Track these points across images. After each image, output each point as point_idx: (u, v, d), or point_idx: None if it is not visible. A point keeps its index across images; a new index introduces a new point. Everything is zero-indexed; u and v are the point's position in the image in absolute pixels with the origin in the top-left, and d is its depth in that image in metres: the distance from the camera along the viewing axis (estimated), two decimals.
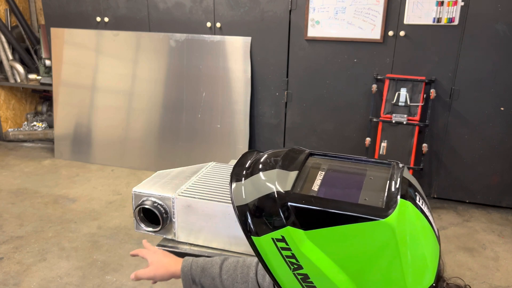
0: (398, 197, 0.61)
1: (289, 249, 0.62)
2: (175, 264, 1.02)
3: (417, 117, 2.91)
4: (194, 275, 0.98)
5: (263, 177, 0.69)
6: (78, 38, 3.64)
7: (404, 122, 2.92)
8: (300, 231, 0.61)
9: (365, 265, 0.61)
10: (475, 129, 2.96)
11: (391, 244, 0.59)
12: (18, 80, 4.13)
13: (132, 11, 3.47)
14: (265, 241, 0.63)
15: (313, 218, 0.61)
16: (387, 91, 2.96)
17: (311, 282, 0.62)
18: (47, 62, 3.98)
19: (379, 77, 3.00)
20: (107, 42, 3.58)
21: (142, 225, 1.22)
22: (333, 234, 0.61)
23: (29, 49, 4.32)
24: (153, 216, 1.21)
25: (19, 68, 4.08)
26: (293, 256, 0.62)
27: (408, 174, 0.70)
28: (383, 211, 0.59)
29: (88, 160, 3.80)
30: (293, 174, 0.69)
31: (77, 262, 2.40)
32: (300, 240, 0.61)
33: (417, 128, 2.93)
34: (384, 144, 2.97)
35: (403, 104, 2.94)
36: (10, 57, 4.15)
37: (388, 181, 0.66)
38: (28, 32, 4.25)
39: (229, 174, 0.75)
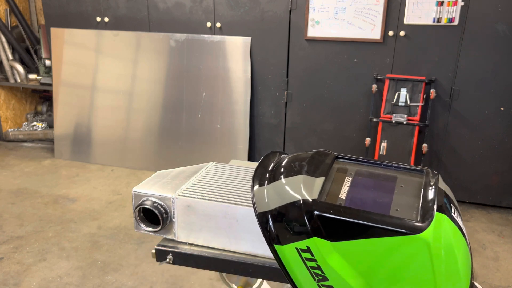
0: (434, 210, 0.58)
1: (314, 260, 0.59)
2: None
3: (417, 117, 2.91)
4: None
5: (288, 183, 0.65)
6: (78, 38, 3.64)
7: (404, 122, 2.92)
8: (327, 242, 0.59)
9: (396, 280, 0.58)
10: (475, 129, 2.96)
11: (425, 260, 0.56)
12: (18, 80, 4.13)
13: (132, 11, 3.47)
14: (288, 251, 0.61)
15: (341, 229, 0.58)
16: (387, 91, 2.96)
17: None
18: (47, 62, 3.98)
19: (379, 77, 3.00)
20: (107, 42, 3.58)
21: (142, 225, 1.23)
22: (362, 246, 0.57)
23: (29, 49, 4.32)
24: (153, 216, 1.21)
25: (19, 68, 4.08)
26: (318, 268, 0.59)
27: (443, 184, 0.66)
28: (418, 225, 0.56)
29: (88, 160, 3.80)
30: (320, 181, 0.66)
31: (77, 262, 2.40)
32: (327, 251, 0.58)
33: (417, 128, 2.93)
34: (384, 144, 2.97)
35: (403, 104, 2.94)
36: (10, 57, 4.15)
37: (423, 191, 0.62)
38: (28, 32, 4.25)
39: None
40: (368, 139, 3.09)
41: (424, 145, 2.99)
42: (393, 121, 2.93)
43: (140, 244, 2.58)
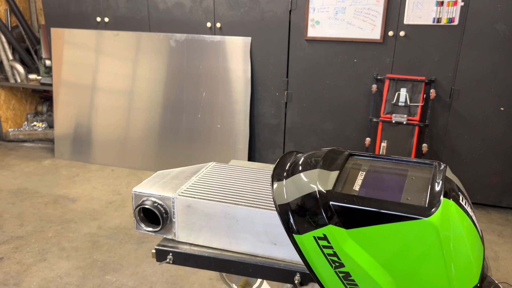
0: (441, 196, 0.61)
1: (331, 247, 0.62)
2: None
3: (417, 117, 2.91)
4: None
5: (304, 177, 0.69)
6: (78, 38, 3.64)
7: (404, 122, 2.92)
8: (342, 229, 0.62)
9: (407, 263, 0.60)
10: (475, 129, 2.96)
11: (435, 243, 0.59)
12: (18, 80, 4.13)
13: (132, 11, 3.47)
14: (306, 239, 0.64)
15: (355, 217, 0.61)
16: (387, 91, 2.96)
17: (353, 280, 0.62)
18: (47, 62, 3.99)
19: (379, 77, 3.00)
20: (107, 42, 3.58)
21: (142, 225, 1.23)
22: (375, 233, 0.60)
23: (29, 49, 4.32)
24: (153, 216, 1.21)
25: (19, 68, 4.08)
26: (334, 254, 0.63)
27: (451, 174, 0.69)
28: (426, 210, 0.59)
29: (88, 160, 3.80)
30: (334, 174, 0.69)
31: (77, 262, 2.40)
32: (342, 238, 0.62)
33: (417, 128, 2.93)
34: (384, 144, 2.97)
35: (403, 104, 2.94)
36: (10, 57, 4.15)
37: (431, 181, 0.66)
38: (28, 32, 4.25)
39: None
40: (368, 139, 3.09)
41: (424, 145, 3.00)
42: (393, 121, 2.93)
43: (140, 244, 2.58)
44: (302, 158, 0.75)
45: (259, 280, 1.29)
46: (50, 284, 2.23)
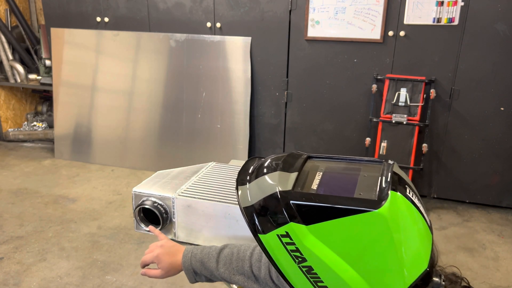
0: (389, 190, 0.66)
1: (293, 244, 0.66)
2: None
3: (417, 117, 2.91)
4: (195, 268, 1.03)
5: (266, 179, 0.74)
6: (78, 38, 3.64)
7: (404, 122, 2.92)
8: (302, 226, 0.66)
9: (363, 253, 0.66)
10: (475, 129, 2.96)
11: (386, 232, 0.64)
12: (18, 80, 4.13)
13: (132, 11, 3.47)
14: (271, 238, 0.68)
15: (313, 213, 0.66)
16: (387, 91, 2.96)
17: (315, 274, 0.67)
18: (47, 62, 3.98)
19: (379, 77, 3.00)
20: (107, 42, 3.58)
21: (142, 225, 1.23)
22: (332, 227, 0.65)
23: (29, 49, 4.32)
24: (153, 216, 1.21)
25: (19, 68, 4.08)
26: (297, 250, 0.66)
27: (398, 169, 0.75)
28: (376, 203, 0.65)
29: (88, 160, 3.80)
30: (294, 175, 0.74)
31: (77, 262, 2.40)
32: (303, 234, 0.66)
33: (417, 128, 2.93)
34: (384, 144, 2.97)
35: (403, 104, 2.94)
36: (10, 57, 4.15)
37: (380, 177, 0.71)
38: (28, 32, 4.25)
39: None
40: (368, 139, 3.09)
41: (424, 145, 2.99)
42: (393, 121, 2.93)
43: (140, 244, 2.58)
44: (264, 163, 0.81)
45: None
46: (50, 284, 2.23)
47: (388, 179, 0.70)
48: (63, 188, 3.31)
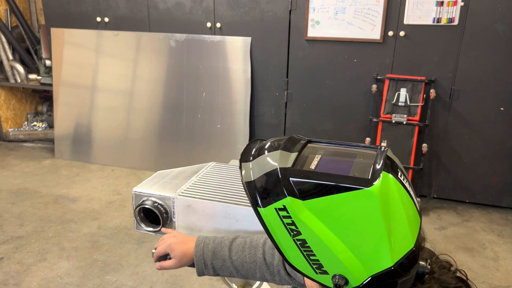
0: (382, 171, 0.71)
1: (289, 217, 0.71)
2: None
3: (417, 117, 2.91)
4: (206, 260, 1.07)
5: (267, 157, 0.79)
6: (78, 38, 3.64)
7: (404, 122, 2.92)
8: (299, 201, 0.71)
9: (354, 229, 0.70)
10: (475, 129, 2.96)
11: (376, 209, 0.69)
12: (18, 80, 4.13)
13: (132, 11, 3.47)
14: (269, 212, 0.73)
15: (309, 189, 0.71)
16: (387, 91, 2.96)
17: (309, 247, 0.72)
18: (47, 62, 3.98)
19: (379, 77, 3.00)
20: (107, 42, 3.58)
21: (142, 225, 1.23)
22: (326, 202, 0.70)
23: (29, 49, 4.32)
24: (153, 216, 1.21)
25: (19, 68, 4.08)
26: (293, 223, 0.71)
27: (391, 154, 0.80)
28: (368, 182, 0.69)
29: (88, 160, 3.80)
30: (294, 155, 0.79)
31: (77, 262, 2.40)
32: (299, 208, 0.71)
33: (417, 128, 2.93)
34: (384, 144, 2.97)
35: (403, 104, 2.94)
36: (10, 57, 4.15)
37: (374, 160, 0.76)
38: (28, 32, 4.25)
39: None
40: (368, 139, 3.09)
41: (424, 145, 2.99)
42: (393, 121, 2.93)
43: (140, 244, 2.58)
44: (266, 144, 0.86)
45: None
46: (50, 284, 2.23)
47: (382, 162, 0.74)
48: (63, 188, 3.31)
